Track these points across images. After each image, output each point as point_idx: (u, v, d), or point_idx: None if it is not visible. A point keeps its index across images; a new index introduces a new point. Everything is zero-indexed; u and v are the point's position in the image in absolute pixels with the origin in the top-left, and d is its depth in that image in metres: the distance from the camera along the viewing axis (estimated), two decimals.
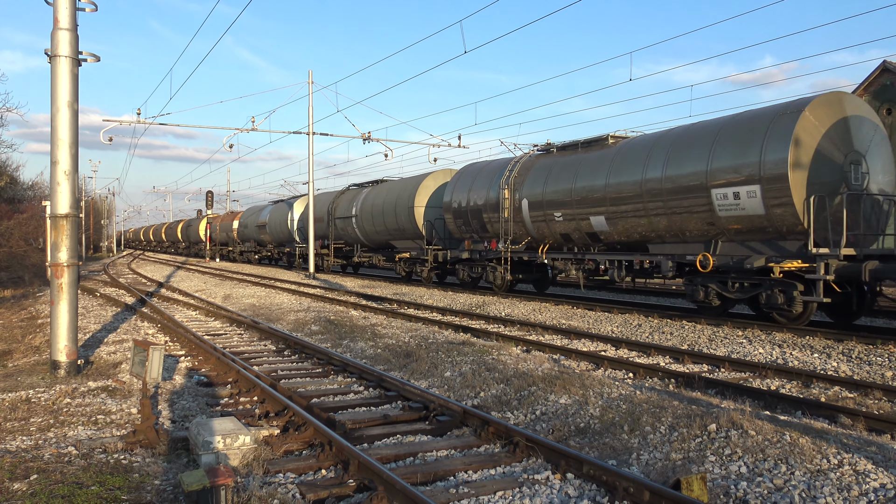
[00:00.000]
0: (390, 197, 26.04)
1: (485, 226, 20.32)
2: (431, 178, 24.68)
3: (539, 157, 19.07)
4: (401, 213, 25.00)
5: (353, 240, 30.04)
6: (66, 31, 8.88)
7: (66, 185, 8.91)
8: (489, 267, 20.59)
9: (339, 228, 30.80)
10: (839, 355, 9.96)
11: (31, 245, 29.12)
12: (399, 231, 25.57)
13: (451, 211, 21.80)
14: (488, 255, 20.51)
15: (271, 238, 41.37)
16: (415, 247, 25.23)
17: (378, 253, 28.60)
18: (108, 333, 12.85)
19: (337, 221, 30.93)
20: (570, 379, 7.63)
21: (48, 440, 5.97)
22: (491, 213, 19.87)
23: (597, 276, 17.15)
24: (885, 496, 4.46)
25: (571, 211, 16.88)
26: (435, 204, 23.99)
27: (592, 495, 4.83)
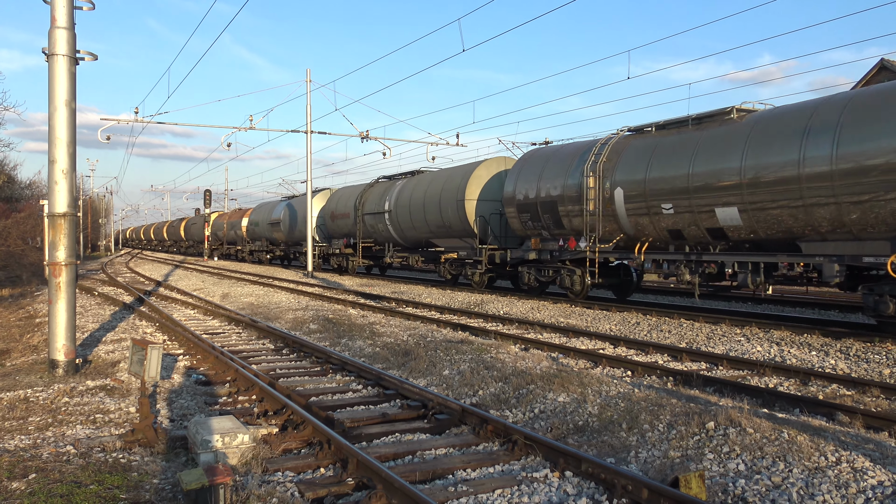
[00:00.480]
0: (433, 189, 22.73)
1: (560, 221, 17.22)
2: (484, 166, 21.54)
3: (631, 138, 15.90)
4: (447, 207, 21.74)
5: (385, 238, 26.86)
6: (63, 30, 8.86)
7: (64, 184, 8.90)
8: (564, 270, 17.49)
9: (367, 225, 27.60)
10: (837, 353, 9.98)
11: (28, 244, 29.10)
12: (444, 228, 22.39)
13: (513, 204, 18.70)
14: (563, 255, 17.43)
15: (285, 236, 38.10)
16: (463, 246, 21.92)
17: (415, 253, 25.29)
18: (107, 332, 12.83)
19: (366, 218, 27.62)
20: (569, 377, 7.63)
21: (46, 439, 5.97)
22: (569, 205, 16.80)
23: (717, 281, 14.16)
24: (882, 493, 4.47)
25: (687, 201, 13.74)
26: (489, 197, 21.01)
27: (591, 493, 4.83)
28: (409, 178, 25.60)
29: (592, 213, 16.05)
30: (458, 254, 22.20)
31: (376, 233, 27.22)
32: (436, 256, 24.15)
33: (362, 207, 28.09)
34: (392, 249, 26.73)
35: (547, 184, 17.59)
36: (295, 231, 36.26)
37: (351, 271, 30.42)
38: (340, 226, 30.07)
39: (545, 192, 17.63)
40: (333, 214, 30.97)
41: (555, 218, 17.47)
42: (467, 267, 21.82)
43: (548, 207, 17.58)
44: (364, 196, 28.16)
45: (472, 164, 22.17)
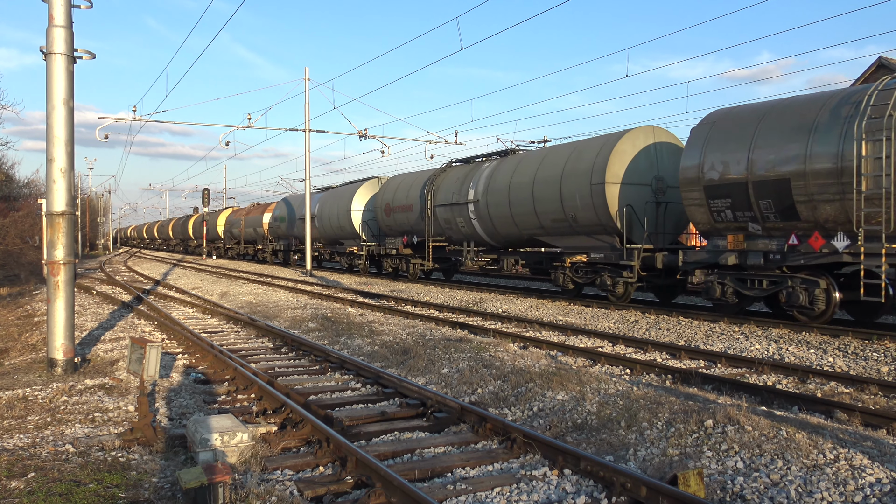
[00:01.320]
0: (549, 171, 17.62)
1: (792, 208, 11.91)
2: (628, 139, 16.06)
3: None
4: (573, 193, 16.58)
5: (464, 236, 21.76)
6: (61, 29, 8.85)
7: (62, 183, 8.89)
8: (794, 281, 12.19)
9: (441, 220, 22.52)
10: (835, 351, 10.00)
11: (27, 243, 29.07)
12: (564, 222, 17.17)
13: (697, 186, 13.39)
14: (791, 258, 12.23)
15: (321, 233, 33.12)
16: (597, 246, 16.61)
17: (508, 255, 20.33)
18: (105, 331, 12.83)
19: (438, 211, 22.51)
20: (568, 375, 7.64)
21: (45, 438, 5.97)
22: (816, 182, 11.42)
23: None
24: (881, 491, 4.48)
25: None
26: (636, 179, 15.88)
27: (590, 491, 4.84)
28: (503, 160, 20.41)
29: (872, 193, 10.69)
30: (590, 256, 16.70)
31: (452, 229, 22.19)
32: (543, 260, 18.92)
33: (432, 197, 22.85)
34: (474, 250, 21.66)
35: (767, 154, 12.19)
36: (334, 227, 31.41)
37: (412, 276, 25.23)
38: (399, 221, 25.21)
39: (765, 167, 12.22)
40: (389, 207, 26.01)
41: (782, 204, 12.07)
42: (604, 274, 16.24)
43: (769, 189, 12.19)
44: (434, 184, 22.99)
45: (610, 136, 16.68)
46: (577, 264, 17.29)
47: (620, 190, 15.76)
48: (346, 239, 30.91)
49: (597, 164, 16.04)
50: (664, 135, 16.55)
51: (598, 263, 16.66)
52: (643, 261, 15.34)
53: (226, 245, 53.29)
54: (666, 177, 16.16)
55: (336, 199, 31.28)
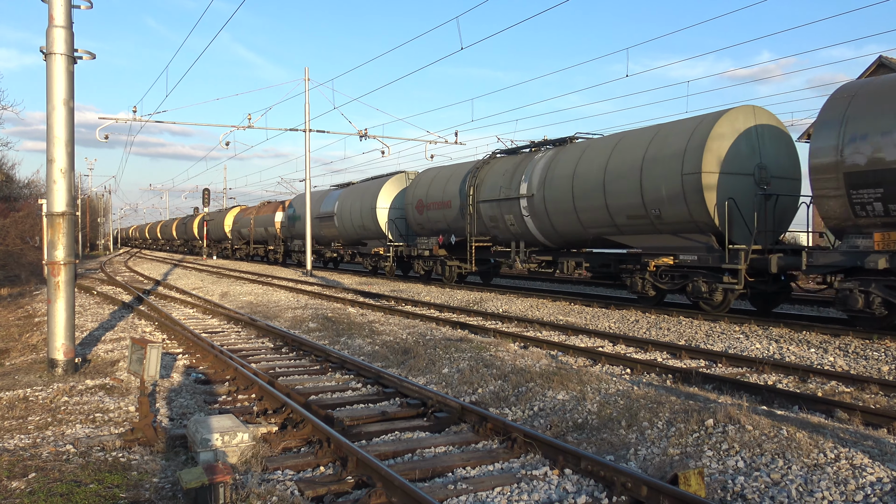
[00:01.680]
0: (625, 159, 15.12)
1: None
2: (727, 121, 13.78)
3: None
4: (657, 185, 14.22)
5: (513, 235, 19.37)
6: (61, 29, 8.85)
7: (63, 183, 8.89)
8: None
9: (485, 218, 20.14)
10: (836, 350, 9.99)
11: (27, 243, 29.07)
12: (644, 219, 14.69)
13: (834, 172, 11.15)
14: None
15: (340, 233, 30.47)
16: (689, 246, 14.09)
17: (568, 256, 17.86)
18: (106, 331, 12.83)
19: (482, 207, 20.12)
20: (568, 375, 7.64)
21: (46, 438, 5.97)
22: None
23: None
24: (881, 490, 4.48)
25: None
26: (734, 169, 13.62)
27: (590, 490, 4.84)
28: (560, 149, 18.00)
29: None
30: (679, 258, 14.28)
31: (498, 227, 19.72)
32: (611, 262, 16.45)
33: (475, 192, 20.36)
34: (524, 251, 19.16)
35: None
36: (356, 227, 28.62)
37: (447, 280, 22.62)
38: (434, 219, 22.66)
39: None
40: (422, 204, 23.35)
41: None
42: (698, 279, 13.80)
43: None
44: (479, 177, 20.51)
45: (703, 117, 14.32)
46: (662, 267, 14.62)
47: (719, 181, 13.36)
48: (369, 239, 28.16)
49: (689, 151, 13.60)
50: (765, 116, 14.19)
51: (688, 267, 14.03)
52: (750, 264, 12.87)
53: (233, 245, 50.31)
54: (769, 165, 13.92)
55: (358, 195, 28.45)
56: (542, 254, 18.77)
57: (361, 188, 28.97)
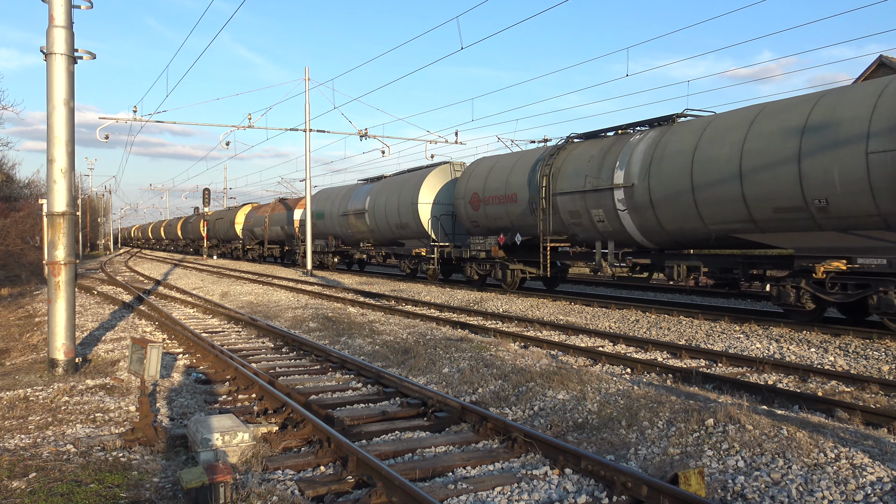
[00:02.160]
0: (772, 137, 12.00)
1: None
2: None
3: None
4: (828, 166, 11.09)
5: (602, 233, 15.90)
6: (61, 29, 8.85)
7: (63, 183, 8.89)
8: None
9: (564, 213, 16.73)
10: (836, 350, 9.99)
11: (27, 243, 29.08)
12: (802, 212, 11.63)
13: None
14: None
15: (372, 232, 27.20)
16: (869, 247, 11.18)
17: (681, 259, 14.54)
18: (106, 331, 12.83)
19: (560, 201, 16.75)
20: (568, 374, 7.64)
21: (46, 438, 5.97)
22: None
23: None
24: (881, 489, 4.48)
25: None
26: None
27: (591, 490, 4.84)
28: (667, 129, 14.78)
29: None
30: (855, 262, 11.29)
31: (581, 224, 16.44)
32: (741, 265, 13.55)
33: (550, 183, 17.10)
34: (613, 252, 15.79)
35: None
36: (392, 225, 25.35)
37: (509, 286, 19.67)
38: (494, 215, 19.67)
39: None
40: (478, 199, 20.32)
41: None
42: (890, 290, 10.80)
43: None
44: (555, 165, 17.15)
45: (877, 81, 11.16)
46: (832, 273, 11.59)
47: None
48: (408, 238, 24.95)
49: (878, 119, 10.41)
50: None
51: (872, 274, 11.12)
52: None
53: (245, 246, 46.17)
54: None
55: (395, 190, 25.25)
56: (639, 256, 15.42)
57: (398, 182, 25.58)
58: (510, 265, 19.61)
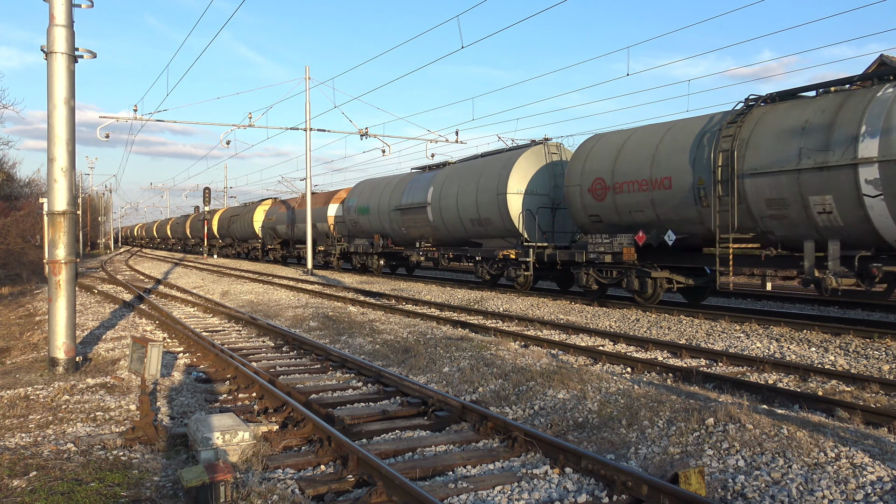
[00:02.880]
0: None
1: None
2: None
3: None
4: None
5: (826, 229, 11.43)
6: (62, 28, 8.85)
7: (63, 182, 8.89)
8: None
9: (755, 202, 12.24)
10: (836, 349, 9.99)
11: (28, 242, 29.08)
12: None
13: None
14: None
15: (436, 229, 22.57)
16: None
17: None
18: (107, 330, 12.84)
19: (750, 185, 12.30)
20: (569, 374, 7.64)
21: (47, 437, 5.98)
22: None
23: None
24: (882, 489, 4.48)
25: None
26: None
27: (591, 489, 4.84)
28: None
29: None
30: None
31: (787, 217, 11.96)
32: None
33: (734, 161, 12.51)
34: (839, 256, 11.40)
35: None
36: (467, 220, 20.71)
37: (650, 301, 14.96)
38: (625, 207, 15.17)
39: None
40: (604, 186, 15.67)
41: None
42: None
43: None
44: (739, 135, 12.63)
45: None
46: None
47: None
48: (487, 238, 20.42)
49: None
50: None
51: None
52: None
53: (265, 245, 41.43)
54: None
55: (471, 178, 20.69)
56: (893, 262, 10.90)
57: (474, 169, 20.91)
58: (651, 272, 14.84)
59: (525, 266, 18.73)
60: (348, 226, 29.73)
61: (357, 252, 29.19)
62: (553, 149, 19.70)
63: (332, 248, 32.02)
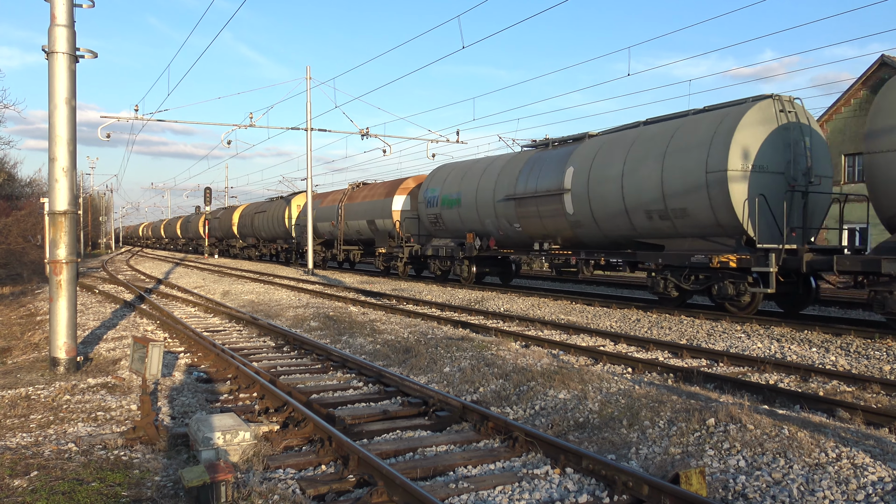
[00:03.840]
0: None
1: None
2: None
3: None
4: None
5: None
6: (63, 28, 8.85)
7: (65, 182, 8.90)
8: None
9: None
10: (837, 349, 9.98)
11: (29, 242, 29.10)
12: None
13: None
14: None
15: (576, 226, 16.97)
16: None
17: None
18: (107, 330, 12.84)
19: None
20: (569, 374, 7.64)
21: (48, 437, 5.98)
22: None
23: None
24: (883, 489, 4.48)
25: None
26: None
27: (591, 490, 4.84)
28: None
29: None
30: None
31: None
32: None
33: None
34: None
35: None
36: (635, 209, 15.06)
37: None
38: None
39: None
40: None
41: None
42: None
43: None
44: None
45: None
46: None
47: None
48: (677, 237, 14.59)
49: None
50: None
51: None
52: None
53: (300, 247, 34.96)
54: None
55: (649, 150, 14.86)
56: None
57: (655, 137, 15.00)
58: None
59: (755, 279, 12.91)
60: (425, 223, 23.71)
61: (438, 256, 22.91)
62: (785, 105, 13.65)
63: (397, 250, 25.29)
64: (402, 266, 25.44)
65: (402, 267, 25.46)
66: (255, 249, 44.52)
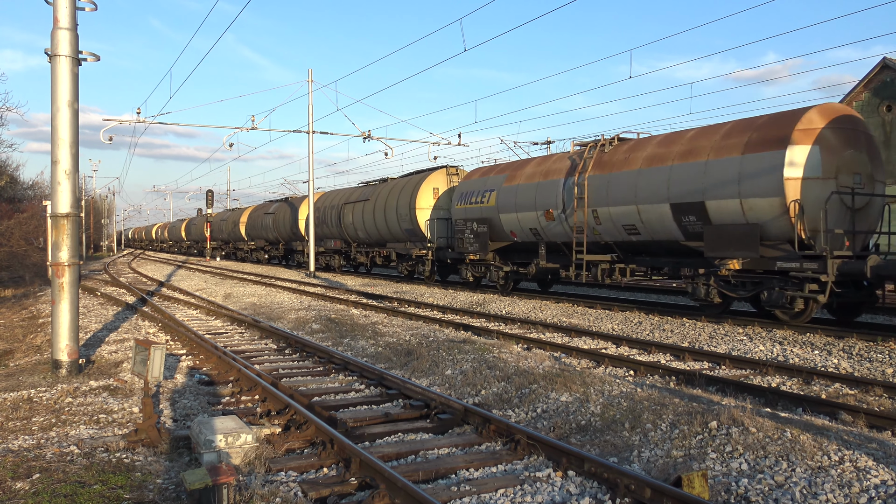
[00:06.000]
0: None
1: None
2: None
3: None
4: None
5: None
6: (65, 31, 8.87)
7: (67, 185, 8.91)
8: None
9: None
10: (840, 352, 9.97)
11: (31, 244, 29.14)
12: None
13: None
14: None
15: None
16: None
17: None
18: (110, 332, 12.85)
19: None
20: (571, 377, 7.63)
21: (50, 439, 5.98)
22: None
23: None
24: (885, 493, 4.47)
25: None
26: None
27: (594, 493, 4.83)
28: None
29: None
30: None
31: None
32: None
33: None
34: None
35: None
36: None
37: None
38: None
39: None
40: None
41: None
42: None
43: None
44: None
45: None
46: None
47: None
48: None
49: None
50: None
51: None
52: None
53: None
54: None
55: None
56: None
57: None
58: None
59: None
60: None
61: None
62: None
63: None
64: (427, 270, 23.80)
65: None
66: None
